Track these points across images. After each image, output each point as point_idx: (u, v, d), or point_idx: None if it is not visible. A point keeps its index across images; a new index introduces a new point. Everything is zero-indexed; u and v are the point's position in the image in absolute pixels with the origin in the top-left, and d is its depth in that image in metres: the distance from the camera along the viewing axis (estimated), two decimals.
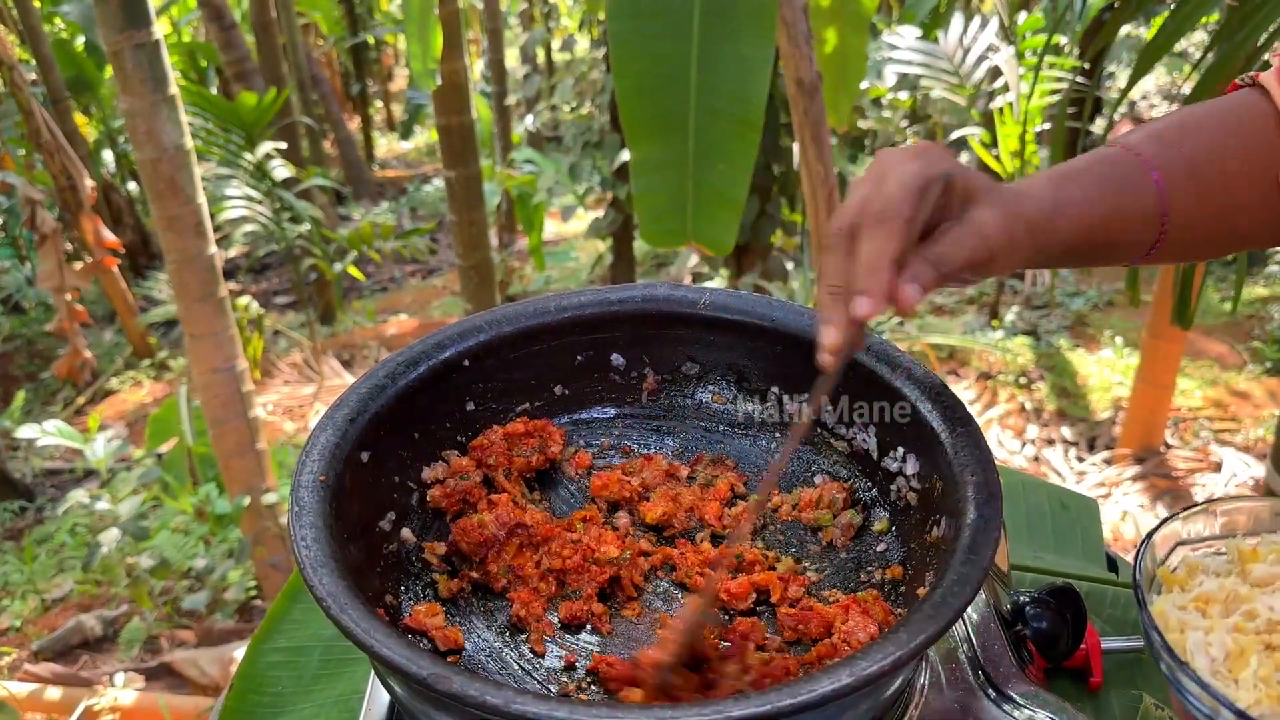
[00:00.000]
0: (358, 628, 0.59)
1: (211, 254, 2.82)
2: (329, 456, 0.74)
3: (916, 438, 0.80)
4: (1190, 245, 0.83)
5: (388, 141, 12.01)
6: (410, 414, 0.84)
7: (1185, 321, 2.32)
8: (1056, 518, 1.11)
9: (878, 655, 0.57)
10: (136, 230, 7.11)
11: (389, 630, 0.59)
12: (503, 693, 0.54)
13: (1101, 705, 0.85)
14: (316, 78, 8.39)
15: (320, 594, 0.61)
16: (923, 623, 0.60)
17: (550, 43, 8.83)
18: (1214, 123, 0.82)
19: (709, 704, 0.55)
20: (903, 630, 0.60)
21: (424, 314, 6.63)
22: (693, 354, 0.94)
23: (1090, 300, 5.47)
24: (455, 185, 4.46)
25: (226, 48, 5.82)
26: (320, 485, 0.71)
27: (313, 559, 0.64)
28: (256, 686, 0.93)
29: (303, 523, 0.67)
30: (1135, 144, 0.79)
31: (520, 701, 0.54)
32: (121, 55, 2.52)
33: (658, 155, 2.35)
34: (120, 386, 5.71)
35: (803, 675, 0.63)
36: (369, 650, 0.58)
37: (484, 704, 0.54)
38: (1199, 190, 0.79)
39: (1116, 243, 0.80)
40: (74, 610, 3.66)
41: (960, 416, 0.77)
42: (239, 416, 3.05)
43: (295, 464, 0.73)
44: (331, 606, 0.60)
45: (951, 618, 0.60)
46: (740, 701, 0.55)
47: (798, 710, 0.54)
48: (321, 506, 0.69)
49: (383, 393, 0.82)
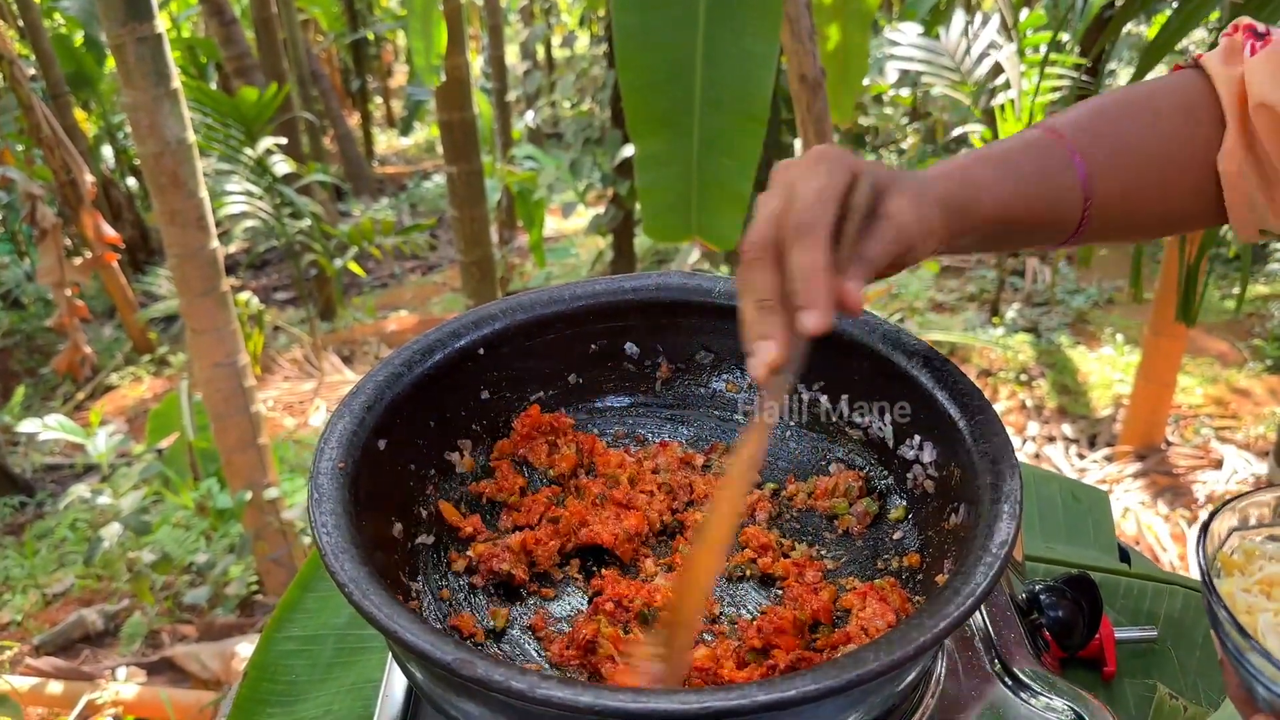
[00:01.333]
0: (381, 613, 0.58)
1: (213, 248, 2.81)
2: (346, 444, 0.74)
3: (934, 425, 0.80)
4: (1117, 228, 0.82)
5: (387, 137, 12.01)
6: (426, 402, 0.84)
7: (1190, 319, 2.32)
8: (1068, 509, 1.11)
9: (904, 640, 0.57)
10: (136, 225, 7.11)
11: (412, 615, 0.58)
12: (527, 678, 0.54)
13: (1115, 694, 0.85)
14: (316, 73, 8.38)
15: (342, 579, 0.61)
16: (945, 609, 0.60)
17: (550, 39, 8.83)
18: (1146, 105, 0.80)
19: (733, 688, 0.55)
20: (926, 616, 0.60)
21: (424, 310, 6.63)
22: (707, 343, 0.94)
23: (1091, 298, 5.47)
24: (456, 181, 4.46)
25: (226, 43, 5.81)
26: (339, 472, 0.71)
27: (334, 545, 0.64)
28: (270, 675, 0.93)
29: (323, 509, 0.67)
30: (1059, 126, 0.79)
31: (545, 686, 0.54)
32: (124, 49, 2.52)
33: (662, 150, 2.35)
34: (120, 382, 5.71)
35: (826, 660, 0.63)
36: (392, 635, 0.57)
37: (509, 689, 0.54)
38: (1125, 173, 0.78)
39: (1037, 225, 0.78)
40: (75, 605, 3.66)
41: (977, 404, 0.77)
42: (241, 411, 3.05)
43: (312, 452, 0.72)
44: (354, 592, 0.60)
45: (973, 604, 0.60)
46: (765, 686, 0.54)
47: (823, 695, 0.54)
48: (341, 493, 0.69)
49: (399, 380, 0.82)
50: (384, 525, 0.77)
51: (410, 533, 0.79)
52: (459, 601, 0.77)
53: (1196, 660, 0.89)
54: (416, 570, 0.78)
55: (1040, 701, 0.74)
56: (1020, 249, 0.85)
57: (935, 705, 0.73)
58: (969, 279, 5.82)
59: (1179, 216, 0.84)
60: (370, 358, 5.78)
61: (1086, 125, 0.79)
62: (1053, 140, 0.78)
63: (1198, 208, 0.81)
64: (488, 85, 7.65)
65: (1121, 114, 0.80)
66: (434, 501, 0.83)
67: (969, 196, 0.73)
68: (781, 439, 0.91)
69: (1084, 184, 0.77)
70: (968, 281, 5.80)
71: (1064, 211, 0.78)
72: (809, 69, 2.58)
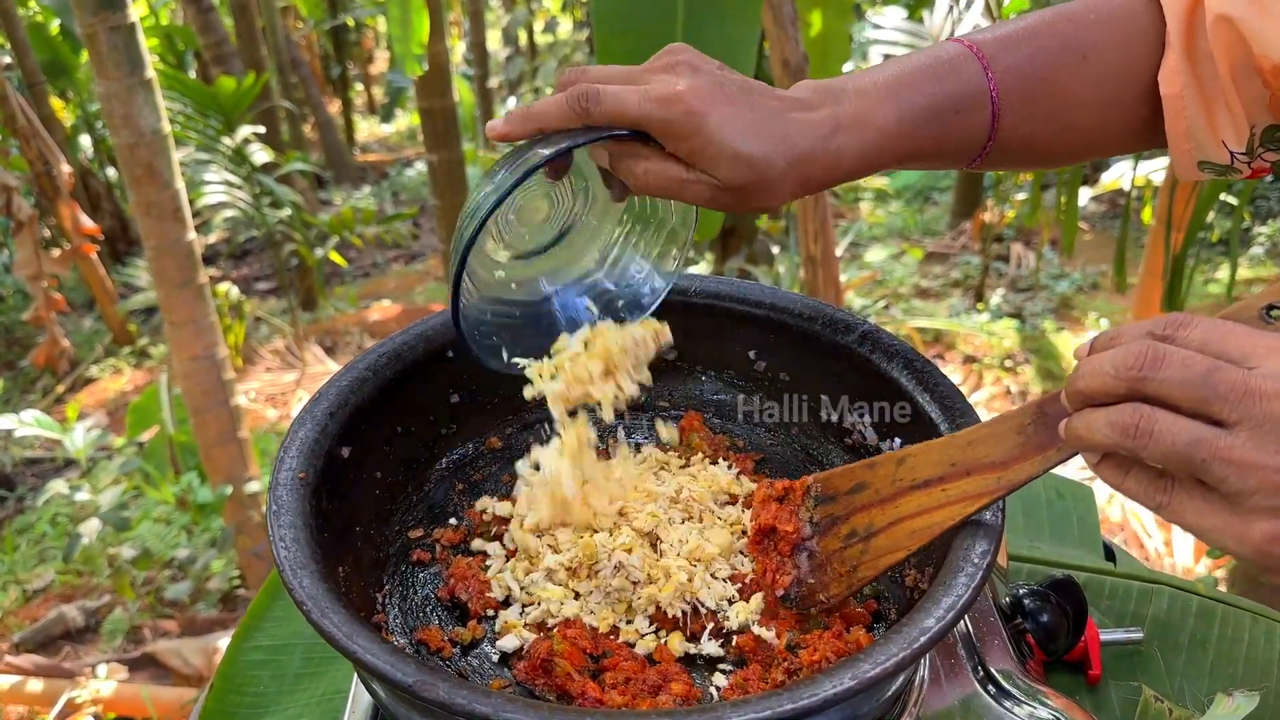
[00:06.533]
0: (339, 632, 0.56)
1: (190, 240, 2.78)
2: (308, 452, 0.72)
3: (915, 430, 0.78)
4: (1019, 155, 0.79)
5: (368, 125, 11.92)
6: (393, 407, 0.82)
7: (1177, 304, 2.32)
8: (1052, 506, 1.09)
9: (880, 656, 0.55)
10: (115, 216, 7.03)
11: (372, 634, 0.56)
12: (491, 700, 0.52)
13: (1100, 698, 0.84)
14: (296, 61, 8.31)
15: (300, 597, 0.59)
16: (925, 622, 0.58)
17: (533, 24, 8.76)
18: (1076, 41, 0.76)
19: (706, 709, 0.53)
20: (905, 630, 0.58)
21: (407, 299, 6.58)
22: (683, 342, 0.92)
23: (1075, 283, 5.47)
24: (438, 169, 4.42)
25: (204, 31, 5.74)
26: (300, 483, 0.69)
27: (292, 560, 0.62)
28: (237, 686, 0.90)
29: (282, 522, 0.65)
30: (979, 41, 0.75)
31: (510, 709, 0.51)
32: (96, 38, 2.47)
33: None
34: (100, 374, 5.66)
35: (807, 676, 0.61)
36: (352, 656, 0.55)
37: (472, 712, 0.52)
38: (1040, 102, 0.75)
39: (944, 148, 0.75)
40: (55, 601, 3.62)
41: (959, 407, 0.75)
42: (220, 405, 3.01)
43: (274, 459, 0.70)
44: (312, 611, 0.58)
45: (955, 617, 0.58)
46: (739, 707, 0.53)
47: (800, 715, 0.52)
48: (301, 505, 0.67)
49: (364, 385, 0.80)
50: (348, 536, 0.74)
51: (375, 543, 0.77)
52: (426, 614, 0.74)
53: (1182, 663, 0.87)
54: (382, 581, 0.76)
55: (1024, 710, 0.73)
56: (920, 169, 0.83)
57: (918, 715, 0.71)
58: (953, 265, 5.82)
59: (1092, 149, 0.81)
60: (353, 348, 5.74)
61: (1006, 40, 0.75)
62: (969, 56, 0.74)
63: (1119, 140, 0.79)
64: (469, 72, 7.60)
65: (1042, 29, 0.76)
66: (401, 513, 0.81)
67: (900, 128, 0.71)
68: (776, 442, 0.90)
69: (993, 105, 0.74)
70: (952, 267, 5.79)
71: (974, 134, 0.75)
72: (791, 55, 2.55)
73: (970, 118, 0.74)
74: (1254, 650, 0.89)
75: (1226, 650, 0.89)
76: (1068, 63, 0.76)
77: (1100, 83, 0.76)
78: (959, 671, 0.76)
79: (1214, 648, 0.89)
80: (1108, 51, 0.76)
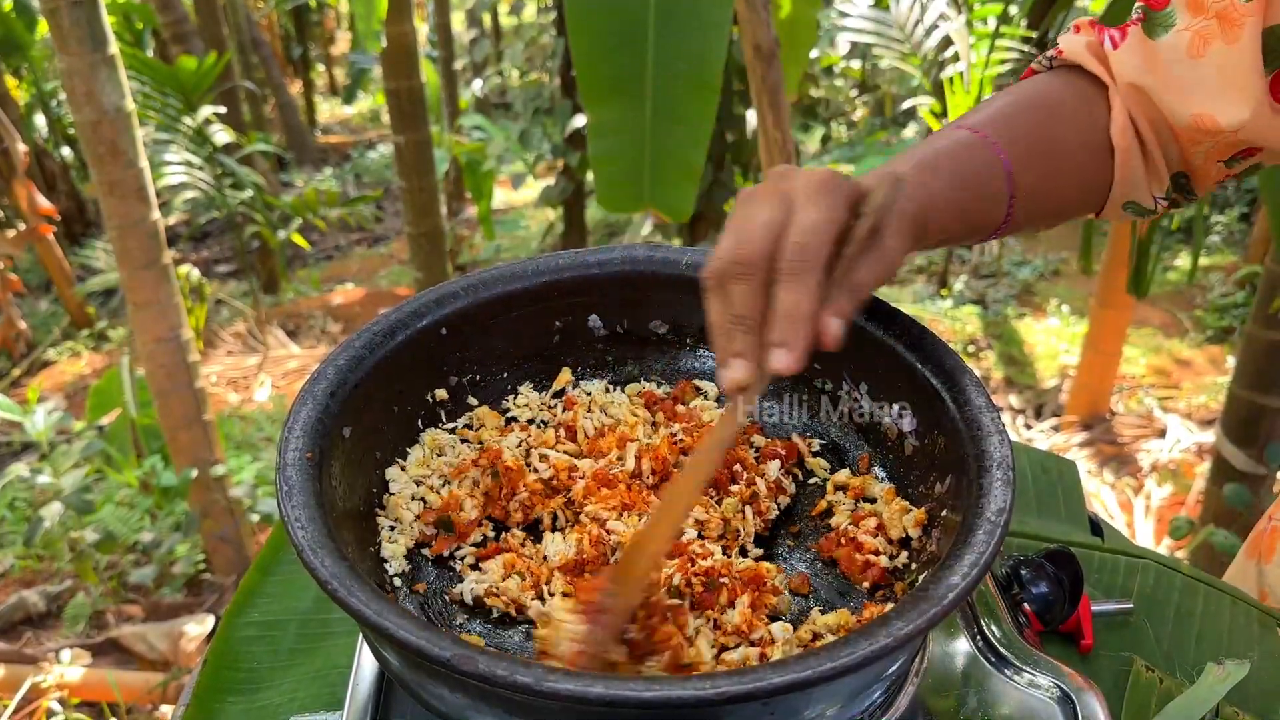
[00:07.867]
0: (369, 610, 0.56)
1: (155, 220, 2.73)
2: (312, 432, 0.71)
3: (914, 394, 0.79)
4: (1027, 221, 0.84)
5: (330, 106, 11.79)
6: (390, 385, 0.81)
7: (1142, 290, 2.35)
8: (1038, 482, 1.10)
9: (895, 627, 0.56)
10: (71, 197, 6.91)
11: (400, 611, 0.56)
12: (532, 670, 0.52)
13: (1093, 667, 0.85)
14: (257, 41, 8.19)
15: (324, 576, 0.58)
16: (950, 579, 0.58)
17: (498, 6, 8.70)
18: (1042, 100, 0.85)
19: (746, 672, 0.53)
20: (917, 604, 0.58)
21: (371, 283, 6.53)
22: (675, 316, 0.92)
23: (1037, 270, 5.54)
24: (404, 151, 4.38)
25: (164, 9, 5.65)
26: (307, 463, 0.68)
27: (310, 540, 0.61)
28: (231, 663, 0.89)
29: (294, 503, 0.64)
30: (980, 126, 0.80)
31: (552, 679, 0.51)
32: (58, 13, 2.42)
33: (615, 118, 2.32)
34: (58, 357, 5.56)
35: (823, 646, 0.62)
36: (383, 633, 0.55)
37: (514, 683, 0.52)
38: (1040, 166, 0.81)
39: (975, 228, 0.80)
40: (16, 586, 3.56)
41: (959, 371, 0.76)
42: (185, 387, 2.98)
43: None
44: (339, 589, 0.57)
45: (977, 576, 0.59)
46: (778, 668, 0.53)
47: (840, 673, 0.53)
48: (311, 485, 0.66)
49: (361, 364, 0.78)
50: (353, 516, 0.74)
51: (378, 524, 0.77)
52: (434, 595, 0.74)
53: (1169, 634, 0.89)
54: (385, 560, 0.75)
55: (1024, 678, 0.74)
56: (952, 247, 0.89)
57: (919, 685, 0.72)
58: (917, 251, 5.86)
59: (1075, 201, 0.88)
60: (316, 331, 5.68)
61: (1003, 123, 0.81)
62: (980, 140, 0.79)
63: (1092, 189, 0.87)
64: (434, 53, 7.53)
65: (1028, 110, 0.84)
66: None
67: (931, 213, 0.73)
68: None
69: (1009, 181, 0.79)
70: (916, 254, 5.84)
71: (995, 211, 0.80)
72: (763, 38, 2.55)
73: (993, 184, 0.79)
74: (1235, 625, 0.91)
75: (1210, 625, 0.90)
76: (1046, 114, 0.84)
77: (1075, 129, 0.84)
78: (958, 641, 0.77)
79: (1199, 622, 0.90)
80: (1074, 104, 0.84)
